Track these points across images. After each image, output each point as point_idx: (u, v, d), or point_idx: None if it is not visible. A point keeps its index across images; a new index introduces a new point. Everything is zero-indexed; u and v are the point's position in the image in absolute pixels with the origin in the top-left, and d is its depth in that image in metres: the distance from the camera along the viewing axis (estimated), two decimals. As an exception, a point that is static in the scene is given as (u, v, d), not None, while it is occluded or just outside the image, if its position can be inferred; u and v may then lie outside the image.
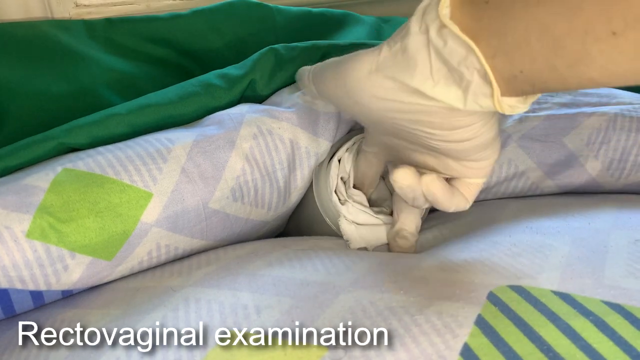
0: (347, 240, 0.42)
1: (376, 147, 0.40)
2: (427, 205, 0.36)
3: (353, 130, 0.47)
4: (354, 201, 0.42)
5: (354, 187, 0.44)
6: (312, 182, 0.45)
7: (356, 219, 0.42)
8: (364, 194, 0.44)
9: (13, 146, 0.38)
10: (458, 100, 0.29)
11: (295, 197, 0.45)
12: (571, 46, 0.24)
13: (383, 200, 0.45)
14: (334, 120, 0.44)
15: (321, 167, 0.44)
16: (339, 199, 0.42)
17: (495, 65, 0.27)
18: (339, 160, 0.44)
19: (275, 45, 0.47)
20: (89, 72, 0.52)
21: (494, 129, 0.32)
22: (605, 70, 0.24)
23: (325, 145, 0.44)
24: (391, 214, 0.43)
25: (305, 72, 0.39)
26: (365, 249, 0.42)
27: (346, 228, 0.42)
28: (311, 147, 0.43)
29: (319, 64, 0.37)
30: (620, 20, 0.23)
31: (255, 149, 0.41)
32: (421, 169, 0.36)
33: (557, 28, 0.24)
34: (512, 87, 0.28)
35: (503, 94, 0.28)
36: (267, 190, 0.42)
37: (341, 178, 0.43)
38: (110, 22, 0.56)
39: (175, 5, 0.63)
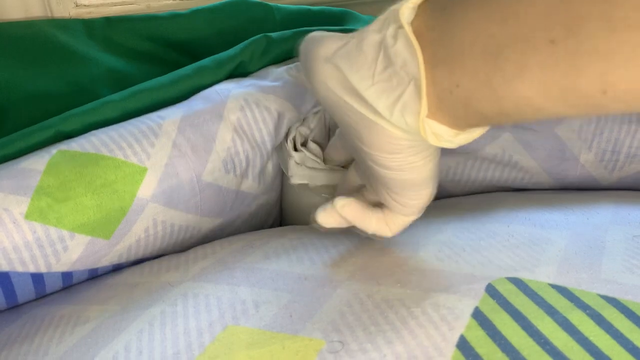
0: (291, 176, 0.43)
1: (342, 141, 0.41)
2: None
3: None
4: (308, 150, 0.44)
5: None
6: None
7: (305, 163, 0.44)
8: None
9: (10, 136, 0.39)
10: (386, 108, 0.27)
11: (274, 162, 0.46)
12: (512, 56, 0.23)
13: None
14: None
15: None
16: (295, 148, 0.44)
17: (433, 77, 0.26)
18: (304, 119, 0.45)
19: (269, 33, 0.48)
20: (88, 71, 0.52)
21: (425, 172, 0.30)
22: (541, 86, 0.23)
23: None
24: (342, 166, 0.44)
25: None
26: (306, 185, 0.44)
27: (292, 165, 0.43)
28: (295, 119, 0.44)
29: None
30: (560, 26, 0.21)
31: (242, 121, 0.42)
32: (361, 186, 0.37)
33: (500, 36, 0.23)
34: (444, 106, 0.26)
35: (432, 116, 0.27)
36: (257, 161, 0.43)
37: (301, 133, 0.45)
38: (109, 22, 0.56)
39: (176, 5, 0.63)
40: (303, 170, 0.43)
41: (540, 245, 0.33)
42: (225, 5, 0.59)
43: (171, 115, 0.40)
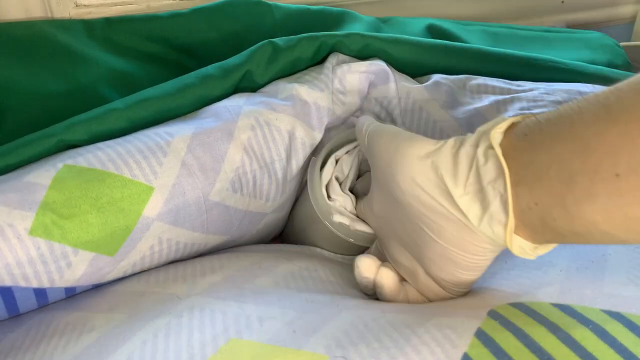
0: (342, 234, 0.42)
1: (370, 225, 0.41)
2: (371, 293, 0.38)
3: (343, 125, 0.48)
4: (341, 205, 0.43)
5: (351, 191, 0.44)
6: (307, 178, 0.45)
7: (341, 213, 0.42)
8: None
9: (13, 144, 0.38)
10: (476, 217, 0.30)
11: (290, 185, 0.45)
12: (582, 183, 0.26)
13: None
14: (326, 113, 0.45)
15: (315, 164, 0.44)
16: (329, 196, 0.43)
17: (516, 193, 0.29)
18: (337, 161, 0.44)
19: (274, 39, 0.47)
20: (89, 71, 0.52)
21: (475, 276, 0.33)
22: (606, 212, 0.26)
23: (319, 137, 0.44)
24: None
25: (365, 124, 0.40)
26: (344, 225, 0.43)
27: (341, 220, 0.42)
28: (307, 138, 0.44)
29: (380, 124, 0.39)
30: (624, 164, 0.24)
31: (253, 140, 0.41)
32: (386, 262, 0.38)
33: (573, 164, 0.26)
34: (525, 221, 0.29)
35: (515, 230, 0.30)
36: (265, 181, 0.42)
37: (336, 177, 0.44)
38: (109, 22, 0.56)
39: (176, 4, 0.62)
40: (341, 217, 0.42)
41: (541, 270, 0.34)
42: (224, 4, 0.58)
43: (180, 132, 0.39)
